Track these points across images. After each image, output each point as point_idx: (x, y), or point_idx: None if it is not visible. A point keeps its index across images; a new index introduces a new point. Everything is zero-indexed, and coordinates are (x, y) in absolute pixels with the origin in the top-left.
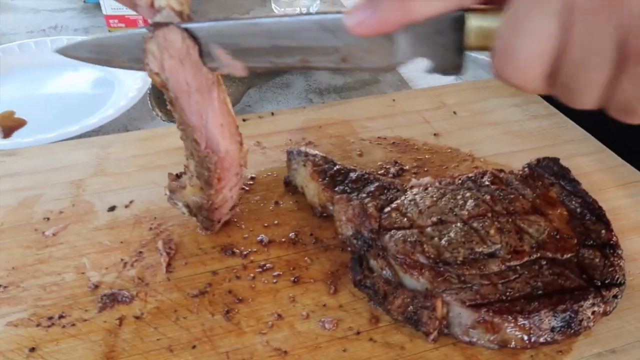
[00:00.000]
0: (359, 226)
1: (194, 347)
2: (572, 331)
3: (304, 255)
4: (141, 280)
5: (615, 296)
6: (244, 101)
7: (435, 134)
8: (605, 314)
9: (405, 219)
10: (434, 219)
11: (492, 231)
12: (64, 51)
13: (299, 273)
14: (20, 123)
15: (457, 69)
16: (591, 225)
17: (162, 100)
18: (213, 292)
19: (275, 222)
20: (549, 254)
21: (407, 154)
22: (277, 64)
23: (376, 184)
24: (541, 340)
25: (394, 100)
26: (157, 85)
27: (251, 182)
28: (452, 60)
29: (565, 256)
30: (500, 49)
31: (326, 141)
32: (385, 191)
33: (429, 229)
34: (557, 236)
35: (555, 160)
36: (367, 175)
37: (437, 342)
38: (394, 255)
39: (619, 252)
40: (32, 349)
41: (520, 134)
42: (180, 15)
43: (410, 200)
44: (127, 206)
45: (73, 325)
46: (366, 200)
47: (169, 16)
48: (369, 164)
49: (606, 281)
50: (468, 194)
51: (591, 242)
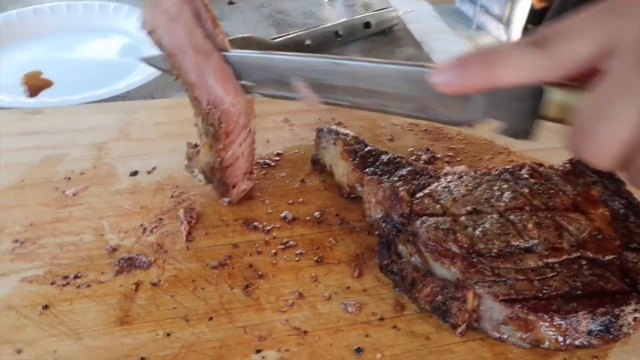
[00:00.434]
0: (389, 209)
1: (210, 318)
2: (611, 336)
3: (328, 236)
4: (160, 247)
5: None
6: None
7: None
8: None
9: (438, 206)
10: (469, 208)
11: (529, 225)
12: (148, 61)
13: (322, 253)
14: (47, 84)
15: (528, 135)
16: (635, 228)
17: None
18: (233, 265)
19: (301, 200)
20: (590, 254)
21: (439, 142)
22: (355, 103)
23: (408, 168)
24: (577, 342)
25: None
26: (154, 43)
27: (277, 158)
28: (524, 127)
29: (606, 257)
30: (579, 128)
31: (356, 123)
32: (418, 176)
33: (462, 218)
34: (599, 236)
35: None
36: (399, 159)
37: (464, 335)
38: (425, 242)
39: None
40: (45, 307)
41: (559, 130)
42: None
43: (444, 187)
44: (149, 172)
45: (88, 286)
46: (398, 184)
47: None
48: (400, 149)
49: None
50: (505, 186)
51: (635, 245)
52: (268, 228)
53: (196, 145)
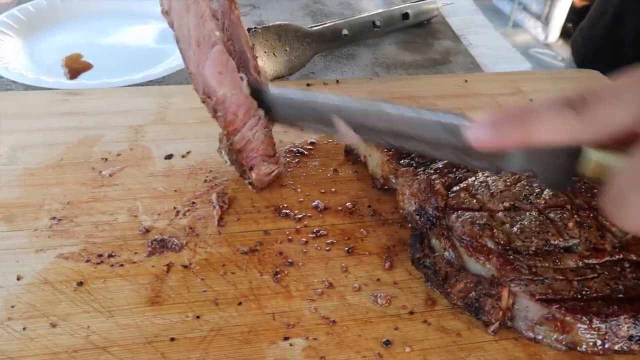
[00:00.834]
0: (423, 202)
1: (239, 303)
2: None
3: (360, 227)
4: (192, 230)
5: None
6: (308, 67)
7: None
8: None
9: (474, 201)
10: (507, 204)
11: (570, 224)
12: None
13: (353, 244)
14: (87, 66)
15: (563, 188)
16: None
17: None
18: (263, 251)
19: (333, 189)
20: (633, 257)
21: None
22: (392, 144)
23: (445, 161)
24: (616, 347)
25: (465, 81)
26: (167, 23)
27: (310, 147)
28: (561, 181)
29: None
30: (615, 195)
31: None
32: (454, 170)
33: (500, 214)
34: None
35: None
36: None
37: (497, 334)
38: (460, 237)
39: None
40: (79, 283)
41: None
42: None
43: (481, 182)
44: (183, 156)
45: (121, 265)
46: (433, 177)
47: None
48: None
49: None
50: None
51: None
52: (299, 216)
53: None
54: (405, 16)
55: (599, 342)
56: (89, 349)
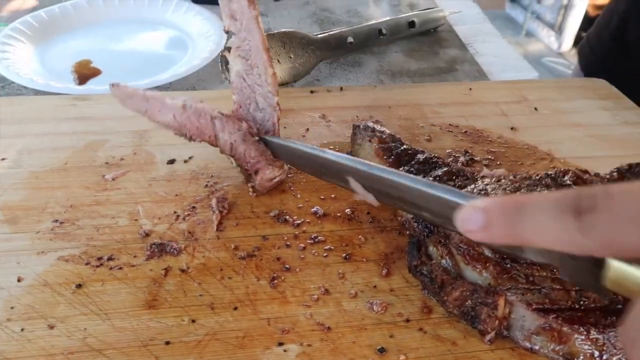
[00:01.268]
0: None
1: (235, 308)
2: None
3: (358, 233)
4: (191, 235)
5: None
6: (313, 74)
7: (512, 128)
8: None
9: None
10: None
11: None
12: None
13: (351, 250)
14: (95, 72)
15: (590, 289)
16: None
17: None
18: (261, 256)
19: (332, 195)
20: None
21: (479, 145)
22: (406, 210)
23: (444, 169)
24: (614, 359)
25: (470, 89)
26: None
27: None
28: (583, 281)
29: None
30: (631, 329)
31: (394, 122)
32: (454, 177)
33: None
34: None
35: None
36: (435, 159)
37: (493, 343)
38: (457, 245)
39: None
40: (78, 286)
41: (608, 139)
42: None
43: (480, 190)
44: (186, 161)
45: (120, 268)
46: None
47: None
48: (438, 150)
49: None
50: (546, 192)
51: None
52: (298, 222)
53: None
54: (411, 24)
55: (596, 354)
56: (85, 351)
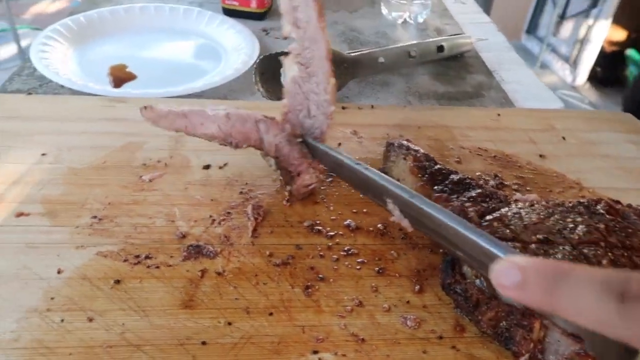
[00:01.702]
0: None
1: (270, 314)
2: None
3: (390, 248)
4: (227, 239)
5: None
6: (343, 92)
7: (540, 155)
8: None
9: (507, 231)
10: (540, 236)
11: (604, 262)
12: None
13: (384, 264)
14: (131, 77)
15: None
16: None
17: (266, 77)
18: (295, 265)
19: (365, 210)
20: None
21: (508, 170)
22: (439, 243)
23: (478, 190)
24: None
25: (498, 115)
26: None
27: None
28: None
29: None
30: None
31: (424, 142)
32: (487, 199)
33: (533, 246)
34: None
35: None
36: (469, 180)
37: None
38: None
39: None
40: (117, 281)
41: (636, 172)
42: None
43: (514, 213)
44: (221, 167)
45: (157, 267)
46: (467, 204)
47: None
48: (467, 173)
49: None
50: (579, 219)
51: None
52: (331, 234)
53: None
54: (440, 49)
55: None
56: (123, 345)
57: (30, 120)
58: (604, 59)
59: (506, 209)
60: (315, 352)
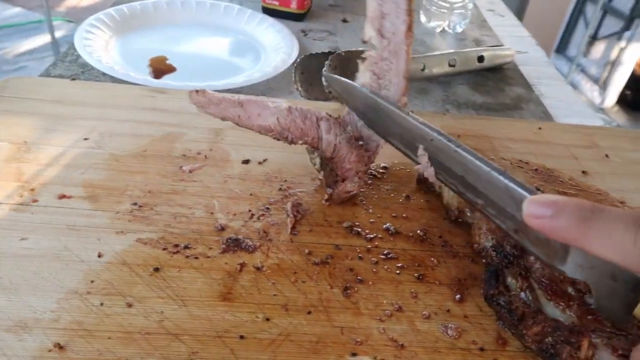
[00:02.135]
0: (501, 239)
1: (309, 312)
2: None
3: (430, 255)
4: (265, 235)
5: None
6: None
7: (583, 172)
8: None
9: None
10: None
11: None
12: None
13: (424, 271)
14: (170, 69)
15: (619, 321)
16: None
17: (306, 77)
18: (334, 265)
19: (404, 215)
20: None
21: (550, 184)
22: (462, 193)
23: None
24: None
25: (540, 128)
26: None
27: (383, 171)
28: (615, 311)
29: None
30: None
31: None
32: None
33: None
34: None
35: None
36: None
37: None
38: (539, 279)
39: None
40: (156, 269)
41: None
42: None
43: None
44: (260, 163)
45: (196, 258)
46: None
47: None
48: None
49: None
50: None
51: None
52: (370, 236)
53: None
54: (480, 59)
55: None
56: (162, 333)
57: (73, 105)
58: (635, 82)
59: None
60: (353, 354)
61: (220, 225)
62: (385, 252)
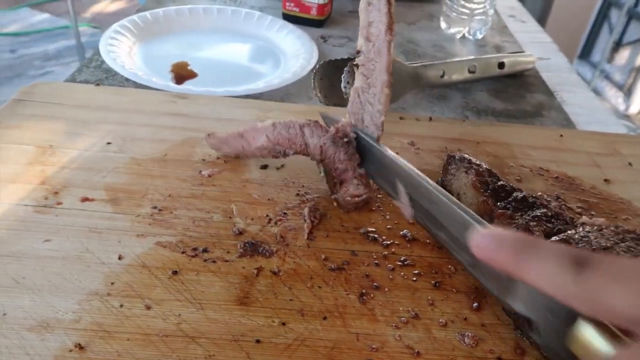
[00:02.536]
0: None
1: (325, 318)
2: None
3: (447, 262)
4: (282, 239)
5: None
6: (399, 102)
7: (605, 180)
8: None
9: None
10: None
11: None
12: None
13: (441, 278)
14: (192, 74)
15: (547, 352)
16: None
17: (325, 82)
18: (350, 271)
19: None
20: None
21: (571, 192)
22: (430, 229)
23: (543, 210)
24: None
25: (561, 135)
26: None
27: None
28: (554, 347)
29: None
30: None
31: (483, 158)
32: (553, 220)
33: None
34: None
35: None
36: (533, 199)
37: None
38: None
39: None
40: (174, 272)
41: None
42: None
43: (582, 236)
44: (278, 168)
45: (214, 262)
46: (532, 223)
47: None
48: (528, 192)
49: None
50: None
51: None
52: (387, 243)
53: None
54: (501, 65)
55: None
56: (179, 336)
57: (97, 110)
58: None
59: (572, 231)
60: None
61: (238, 229)
62: (402, 259)
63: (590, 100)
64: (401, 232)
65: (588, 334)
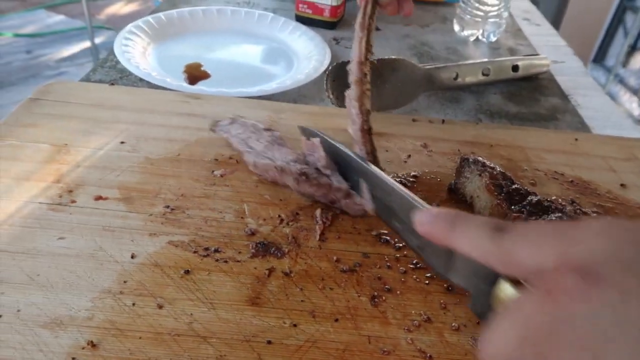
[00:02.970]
0: None
1: (336, 320)
2: None
3: None
4: (294, 240)
5: None
6: (412, 105)
7: (622, 185)
8: None
9: None
10: None
11: None
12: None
13: None
14: (205, 75)
15: (481, 317)
16: None
17: (337, 84)
18: (362, 273)
19: None
20: None
21: (586, 197)
22: (388, 219)
23: (558, 214)
24: None
25: (576, 139)
26: None
27: (413, 179)
28: (480, 307)
29: None
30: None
31: (497, 161)
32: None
33: None
34: None
35: None
36: (549, 203)
37: None
38: None
39: None
40: (186, 271)
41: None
42: None
43: None
44: None
45: (225, 262)
46: None
47: None
48: (543, 196)
49: None
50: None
51: None
52: (399, 245)
53: None
54: (515, 68)
55: None
56: (191, 335)
57: (112, 110)
58: None
59: None
60: None
61: (250, 229)
62: (414, 262)
63: (606, 104)
64: None
65: (507, 291)
